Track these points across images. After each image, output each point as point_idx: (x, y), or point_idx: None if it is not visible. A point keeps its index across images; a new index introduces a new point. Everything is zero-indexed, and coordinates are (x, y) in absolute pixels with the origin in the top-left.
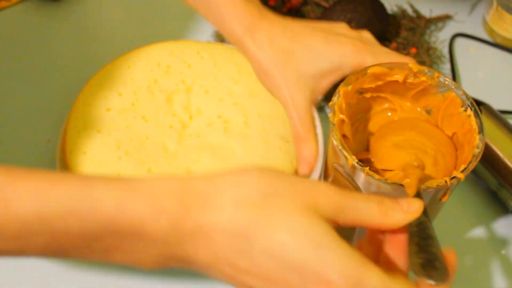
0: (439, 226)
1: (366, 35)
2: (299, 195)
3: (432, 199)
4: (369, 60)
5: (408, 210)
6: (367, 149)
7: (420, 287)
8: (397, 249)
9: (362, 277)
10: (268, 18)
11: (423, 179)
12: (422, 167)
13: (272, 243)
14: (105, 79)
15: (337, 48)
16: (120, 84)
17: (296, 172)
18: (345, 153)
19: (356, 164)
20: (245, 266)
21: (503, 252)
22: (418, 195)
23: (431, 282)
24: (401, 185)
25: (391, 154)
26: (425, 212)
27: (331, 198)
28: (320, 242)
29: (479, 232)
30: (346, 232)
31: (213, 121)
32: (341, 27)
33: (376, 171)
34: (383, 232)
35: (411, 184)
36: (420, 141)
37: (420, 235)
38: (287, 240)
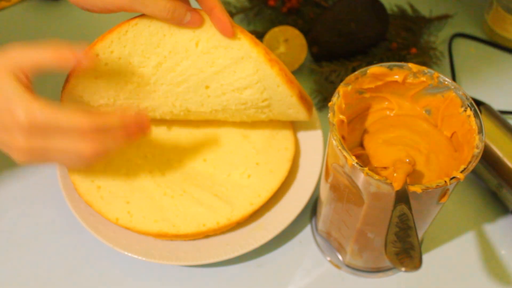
0: (439, 226)
1: None
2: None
3: (431, 200)
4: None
5: None
6: (361, 144)
7: None
8: None
9: (35, 110)
10: None
11: (415, 177)
12: (412, 163)
13: None
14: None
15: None
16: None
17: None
18: (345, 154)
19: (355, 165)
20: None
21: (503, 252)
22: (403, 190)
23: (402, 269)
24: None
25: (382, 151)
26: (408, 205)
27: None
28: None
29: (479, 232)
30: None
31: None
32: None
33: (374, 169)
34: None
35: (397, 178)
36: (412, 139)
37: (400, 226)
38: None
